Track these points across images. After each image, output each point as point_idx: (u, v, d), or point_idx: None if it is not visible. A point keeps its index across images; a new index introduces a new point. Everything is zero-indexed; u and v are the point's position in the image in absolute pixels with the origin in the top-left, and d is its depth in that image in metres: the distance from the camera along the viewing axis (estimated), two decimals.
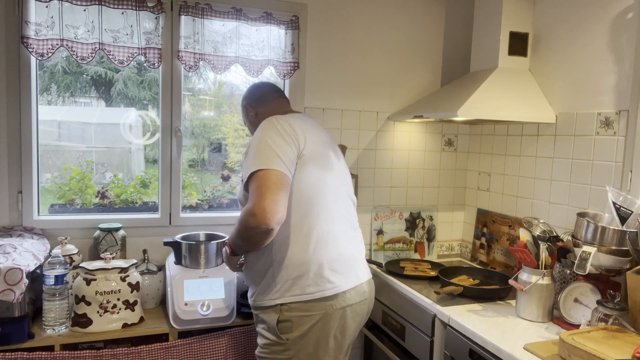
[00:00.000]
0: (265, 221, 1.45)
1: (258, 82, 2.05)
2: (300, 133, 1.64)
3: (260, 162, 1.52)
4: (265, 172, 1.50)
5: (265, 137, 1.59)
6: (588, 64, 2.02)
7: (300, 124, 1.68)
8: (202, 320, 1.96)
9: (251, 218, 1.45)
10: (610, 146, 1.90)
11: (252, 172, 1.52)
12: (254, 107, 1.88)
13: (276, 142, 1.57)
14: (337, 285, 1.63)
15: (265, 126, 1.63)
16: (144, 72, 2.62)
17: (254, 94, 1.91)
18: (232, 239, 1.65)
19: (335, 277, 1.63)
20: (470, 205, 2.80)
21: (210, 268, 2.06)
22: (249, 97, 1.91)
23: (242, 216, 1.51)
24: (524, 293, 1.84)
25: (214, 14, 2.26)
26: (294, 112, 1.85)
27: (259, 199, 1.46)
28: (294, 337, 1.59)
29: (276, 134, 1.59)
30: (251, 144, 1.63)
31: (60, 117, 2.49)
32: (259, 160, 1.53)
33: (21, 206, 2.14)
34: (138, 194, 2.49)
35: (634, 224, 1.67)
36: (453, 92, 2.37)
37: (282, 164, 1.54)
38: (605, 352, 1.38)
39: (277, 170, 1.51)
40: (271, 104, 1.86)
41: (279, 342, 1.61)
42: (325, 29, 2.50)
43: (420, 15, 2.68)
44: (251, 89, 1.94)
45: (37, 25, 2.02)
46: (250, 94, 1.92)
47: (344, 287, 1.64)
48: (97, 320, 1.89)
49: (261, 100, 1.88)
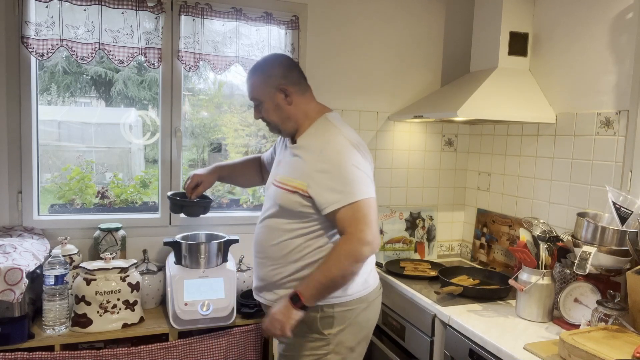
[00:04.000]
0: (376, 249, 1.51)
1: (280, 55, 1.74)
2: (366, 148, 1.66)
3: (362, 191, 1.51)
4: (368, 200, 1.51)
5: (353, 162, 1.54)
6: (588, 64, 2.02)
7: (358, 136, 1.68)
8: (202, 320, 1.96)
9: (366, 247, 1.48)
10: (610, 146, 1.90)
11: (355, 201, 1.50)
12: (292, 91, 1.63)
13: (364, 166, 1.57)
14: (373, 283, 1.74)
15: (346, 148, 1.55)
16: (144, 72, 2.63)
17: (287, 74, 1.63)
18: (321, 283, 1.51)
19: (372, 276, 1.73)
20: (470, 205, 2.80)
21: (210, 268, 2.06)
22: (285, 76, 1.62)
23: (352, 248, 1.48)
24: (524, 293, 1.84)
25: (214, 14, 2.26)
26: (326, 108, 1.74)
27: (369, 227, 1.49)
28: (336, 332, 1.61)
29: (360, 157, 1.58)
30: (335, 166, 1.52)
31: (60, 117, 2.49)
32: (359, 189, 1.51)
33: (21, 206, 2.14)
34: (138, 194, 2.49)
35: (634, 224, 1.67)
36: (453, 92, 2.37)
37: (374, 188, 1.58)
38: (605, 352, 1.38)
39: (374, 197, 1.55)
40: (308, 94, 1.69)
41: (320, 338, 1.62)
42: (325, 29, 2.50)
43: (420, 15, 2.68)
44: (282, 65, 1.64)
45: (37, 25, 2.02)
46: (284, 72, 1.62)
47: (376, 283, 1.76)
48: (97, 320, 1.89)
49: (298, 85, 1.66)
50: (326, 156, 1.54)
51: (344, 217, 1.51)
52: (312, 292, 1.50)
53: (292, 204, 1.57)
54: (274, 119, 1.66)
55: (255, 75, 1.65)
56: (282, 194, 1.60)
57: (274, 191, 1.64)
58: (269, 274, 1.66)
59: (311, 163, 1.56)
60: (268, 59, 1.70)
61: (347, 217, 1.50)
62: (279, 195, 1.61)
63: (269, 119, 1.67)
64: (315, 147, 1.58)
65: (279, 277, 1.64)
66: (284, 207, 1.59)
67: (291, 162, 1.64)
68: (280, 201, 1.60)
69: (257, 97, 1.65)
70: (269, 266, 1.66)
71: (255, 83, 1.64)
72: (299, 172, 1.58)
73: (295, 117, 1.65)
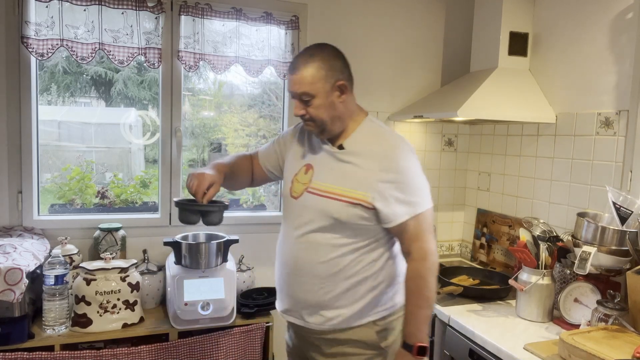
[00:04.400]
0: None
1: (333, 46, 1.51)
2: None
3: (427, 200, 1.46)
4: (431, 209, 1.47)
5: (418, 169, 1.47)
6: (588, 64, 2.02)
7: None
8: (202, 320, 1.96)
9: (436, 256, 1.44)
10: (610, 146, 1.90)
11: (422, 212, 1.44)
12: (348, 89, 1.47)
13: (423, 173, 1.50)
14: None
15: (412, 155, 1.47)
16: (144, 72, 2.63)
17: (344, 68, 1.47)
18: (427, 316, 1.43)
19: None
20: (470, 205, 2.80)
21: (210, 268, 2.06)
22: (342, 70, 1.46)
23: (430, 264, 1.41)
24: (524, 293, 1.84)
25: (214, 14, 2.26)
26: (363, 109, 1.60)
27: (432, 236, 1.45)
28: (391, 342, 1.54)
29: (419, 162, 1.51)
30: (403, 174, 1.42)
31: (60, 117, 2.49)
32: (425, 198, 1.45)
33: (21, 206, 2.14)
34: (138, 194, 2.49)
35: (634, 224, 1.67)
36: (453, 92, 2.37)
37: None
38: (605, 352, 1.38)
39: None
40: (353, 92, 1.54)
41: (378, 353, 1.53)
42: (325, 29, 2.49)
43: (421, 15, 2.67)
44: (340, 57, 1.47)
45: (37, 25, 2.02)
46: (342, 65, 1.46)
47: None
48: (97, 320, 1.89)
49: (350, 82, 1.50)
50: (391, 164, 1.42)
51: (410, 229, 1.42)
52: (424, 329, 1.42)
53: (352, 218, 1.42)
54: (324, 117, 1.44)
55: (312, 66, 1.40)
56: (341, 207, 1.42)
57: (320, 202, 1.45)
58: (315, 295, 1.48)
59: (374, 172, 1.41)
60: (324, 48, 1.47)
61: (414, 229, 1.42)
62: (335, 208, 1.43)
63: (317, 117, 1.44)
64: (376, 154, 1.44)
65: (328, 296, 1.47)
66: (342, 221, 1.43)
67: (341, 170, 1.46)
68: (338, 214, 1.42)
69: (310, 91, 1.41)
70: (314, 285, 1.48)
71: (312, 75, 1.40)
72: (357, 181, 1.42)
73: (344, 117, 1.48)
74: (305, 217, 1.48)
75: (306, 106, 1.44)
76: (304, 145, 1.60)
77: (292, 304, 1.54)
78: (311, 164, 1.53)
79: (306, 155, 1.57)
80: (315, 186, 1.48)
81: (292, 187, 1.54)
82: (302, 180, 1.53)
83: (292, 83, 1.44)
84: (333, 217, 1.43)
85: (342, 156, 1.48)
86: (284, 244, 1.56)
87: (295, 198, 1.52)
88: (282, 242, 1.58)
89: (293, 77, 1.43)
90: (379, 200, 1.40)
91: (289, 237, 1.53)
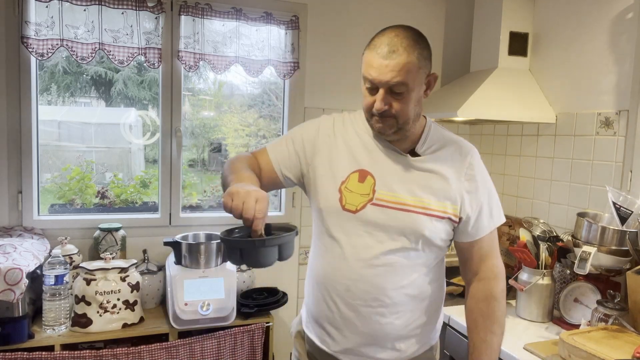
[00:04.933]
0: None
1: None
2: None
3: (502, 211, 1.37)
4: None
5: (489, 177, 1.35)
6: (588, 63, 2.02)
7: None
8: (202, 320, 1.96)
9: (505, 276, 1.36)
10: (610, 146, 1.90)
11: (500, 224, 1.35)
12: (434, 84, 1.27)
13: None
14: None
15: (481, 162, 1.34)
16: (144, 72, 2.62)
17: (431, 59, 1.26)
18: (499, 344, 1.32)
19: None
20: None
21: (210, 268, 2.06)
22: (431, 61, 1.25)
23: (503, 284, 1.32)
24: (524, 293, 1.84)
25: (214, 14, 2.26)
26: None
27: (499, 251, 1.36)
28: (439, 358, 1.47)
29: None
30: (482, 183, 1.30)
31: (60, 117, 2.49)
32: (500, 209, 1.36)
33: (21, 206, 2.14)
34: (138, 194, 2.49)
35: (634, 224, 1.67)
36: (453, 92, 2.36)
37: None
38: (605, 352, 1.38)
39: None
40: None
41: None
42: (325, 29, 2.50)
43: (421, 15, 2.67)
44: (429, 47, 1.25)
45: (37, 25, 2.02)
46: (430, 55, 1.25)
47: None
48: (97, 320, 1.89)
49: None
50: (473, 172, 1.29)
51: (485, 244, 1.32)
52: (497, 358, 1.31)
53: (437, 233, 1.25)
54: (411, 115, 1.22)
55: (415, 51, 1.17)
56: (428, 222, 1.23)
57: (403, 217, 1.23)
58: (395, 326, 1.27)
59: (458, 181, 1.26)
60: (416, 30, 1.23)
61: (487, 245, 1.32)
62: (424, 224, 1.23)
63: (404, 114, 1.20)
64: (456, 161, 1.28)
65: (411, 326, 1.30)
66: (428, 238, 1.24)
67: (420, 179, 1.26)
68: (427, 231, 1.23)
69: (407, 81, 1.16)
70: (396, 315, 1.27)
71: (414, 63, 1.17)
72: (444, 192, 1.25)
73: (420, 117, 1.28)
74: (378, 235, 1.24)
75: (394, 100, 1.18)
76: (349, 147, 1.31)
77: (359, 342, 1.28)
78: (367, 170, 1.27)
79: (356, 159, 1.29)
80: (384, 198, 1.24)
81: (342, 197, 1.26)
82: (356, 189, 1.26)
83: (382, 70, 1.15)
84: (422, 234, 1.23)
85: (418, 163, 1.26)
86: (340, 270, 1.27)
87: (353, 212, 1.24)
88: (336, 268, 1.27)
89: (387, 62, 1.15)
90: (466, 213, 1.27)
91: (351, 260, 1.25)
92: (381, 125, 1.22)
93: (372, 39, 1.21)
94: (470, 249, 1.32)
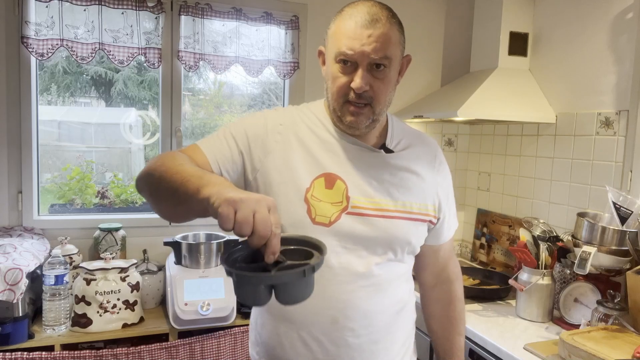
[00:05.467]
0: None
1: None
2: None
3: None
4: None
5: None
6: (588, 64, 2.02)
7: None
8: (202, 320, 1.96)
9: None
10: (610, 146, 1.90)
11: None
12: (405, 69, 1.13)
13: None
14: None
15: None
16: (144, 72, 2.62)
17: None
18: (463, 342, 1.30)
19: None
20: (470, 205, 2.80)
21: (210, 268, 2.06)
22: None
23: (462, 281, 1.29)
24: (524, 293, 1.84)
25: (214, 14, 2.26)
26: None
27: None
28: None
29: None
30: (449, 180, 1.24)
31: (60, 117, 2.49)
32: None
33: (21, 206, 2.14)
34: (138, 194, 2.49)
35: (634, 224, 1.67)
36: (453, 92, 2.37)
37: None
38: (605, 352, 1.38)
39: None
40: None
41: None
42: (325, 29, 2.49)
43: (420, 15, 2.67)
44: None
45: (37, 25, 2.02)
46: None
47: None
48: (97, 320, 1.89)
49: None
50: (443, 168, 1.20)
51: (448, 245, 1.25)
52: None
53: (421, 239, 1.14)
54: (386, 100, 1.05)
55: (396, 24, 1.05)
56: (412, 227, 1.09)
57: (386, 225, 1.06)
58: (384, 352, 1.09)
59: (433, 179, 1.15)
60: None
61: (449, 245, 1.25)
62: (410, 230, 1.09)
63: (380, 98, 1.03)
64: (426, 156, 1.16)
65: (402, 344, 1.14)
66: (414, 246, 1.12)
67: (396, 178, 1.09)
68: (412, 238, 1.09)
69: (391, 55, 1.01)
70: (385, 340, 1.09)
71: (396, 36, 1.04)
72: (422, 192, 1.12)
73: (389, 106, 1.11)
74: (357, 250, 1.04)
75: (373, 79, 1.02)
76: (305, 147, 1.08)
77: None
78: (334, 173, 1.05)
79: (317, 161, 1.06)
80: (360, 204, 1.04)
81: (310, 209, 1.02)
82: (326, 197, 1.03)
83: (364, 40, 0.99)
84: (409, 242, 1.09)
85: (394, 161, 1.10)
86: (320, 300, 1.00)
87: (326, 225, 1.02)
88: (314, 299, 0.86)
89: (370, 32, 0.99)
90: (442, 213, 1.17)
91: (332, 285, 1.03)
92: (356, 116, 1.03)
93: (341, 10, 1.06)
94: (437, 252, 1.22)
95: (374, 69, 1.01)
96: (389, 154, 1.11)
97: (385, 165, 1.09)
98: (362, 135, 1.09)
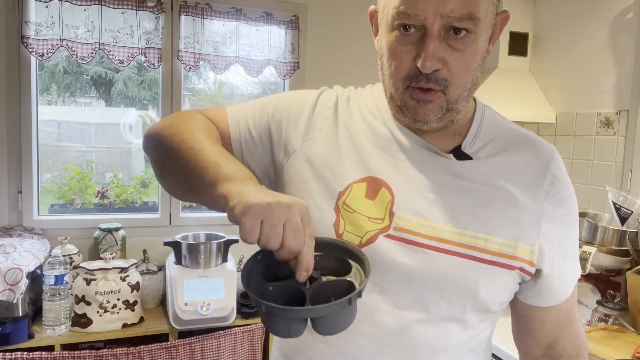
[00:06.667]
0: None
1: None
2: None
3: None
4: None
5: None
6: (588, 63, 2.02)
7: None
8: (202, 320, 1.96)
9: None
10: (610, 146, 1.90)
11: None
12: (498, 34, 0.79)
13: None
14: None
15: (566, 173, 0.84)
16: (144, 72, 2.62)
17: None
18: None
19: None
20: None
21: (210, 268, 2.06)
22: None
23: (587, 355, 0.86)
24: None
25: (214, 14, 2.26)
26: None
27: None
28: None
29: None
30: (573, 209, 0.80)
31: (60, 117, 2.49)
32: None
33: (21, 206, 2.14)
34: (138, 194, 2.49)
35: (634, 224, 1.67)
36: None
37: None
38: (605, 352, 1.38)
39: None
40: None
41: None
42: (325, 29, 2.49)
43: None
44: None
45: (37, 25, 2.02)
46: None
47: None
48: (97, 320, 1.89)
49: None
50: (556, 191, 0.78)
51: (566, 306, 0.83)
52: None
53: (501, 294, 0.77)
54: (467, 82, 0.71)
55: None
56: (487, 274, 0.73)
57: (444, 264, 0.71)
58: None
59: (535, 206, 0.75)
60: None
61: (569, 306, 0.83)
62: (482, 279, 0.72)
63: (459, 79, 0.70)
64: (531, 171, 0.78)
65: None
66: (485, 302, 0.74)
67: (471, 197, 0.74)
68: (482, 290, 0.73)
69: (477, 14, 0.66)
70: None
71: None
72: (510, 223, 0.74)
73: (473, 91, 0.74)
74: (395, 291, 0.72)
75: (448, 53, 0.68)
76: (354, 140, 0.78)
77: None
78: (382, 179, 0.75)
79: (364, 160, 0.77)
80: (408, 227, 0.72)
81: (339, 220, 0.74)
82: (362, 209, 0.73)
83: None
84: (476, 295, 0.72)
85: (467, 171, 0.75)
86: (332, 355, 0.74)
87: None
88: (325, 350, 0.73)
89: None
90: (546, 259, 0.76)
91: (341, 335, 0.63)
92: (423, 105, 0.70)
93: None
94: (546, 315, 0.83)
95: (451, 36, 0.67)
96: (463, 160, 0.75)
97: (454, 176, 0.74)
98: (433, 132, 0.76)
